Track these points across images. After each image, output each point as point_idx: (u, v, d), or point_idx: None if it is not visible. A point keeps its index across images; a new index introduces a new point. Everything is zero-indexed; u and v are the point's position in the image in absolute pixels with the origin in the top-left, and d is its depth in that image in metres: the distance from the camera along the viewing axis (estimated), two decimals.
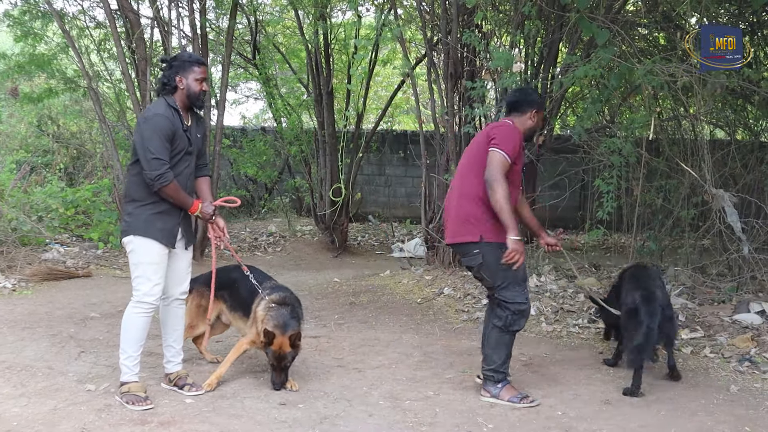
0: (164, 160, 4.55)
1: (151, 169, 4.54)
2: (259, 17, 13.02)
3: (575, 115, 10.61)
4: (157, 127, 4.58)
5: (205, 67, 4.87)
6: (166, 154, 4.58)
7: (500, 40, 9.10)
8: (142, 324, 4.71)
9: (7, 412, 4.42)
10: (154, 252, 4.69)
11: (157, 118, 4.61)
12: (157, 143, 4.55)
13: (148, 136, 4.57)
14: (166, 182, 4.56)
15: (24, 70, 12.38)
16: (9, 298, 7.77)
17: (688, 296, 7.60)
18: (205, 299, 5.31)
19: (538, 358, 5.97)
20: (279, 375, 4.94)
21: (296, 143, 12.53)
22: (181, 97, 4.76)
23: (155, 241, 4.68)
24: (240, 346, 5.12)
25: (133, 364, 4.73)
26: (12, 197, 10.71)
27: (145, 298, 4.68)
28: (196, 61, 4.81)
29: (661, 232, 8.61)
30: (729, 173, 8.26)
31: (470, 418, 4.59)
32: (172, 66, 4.77)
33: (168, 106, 4.70)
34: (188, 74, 4.73)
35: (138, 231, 4.67)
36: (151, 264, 4.69)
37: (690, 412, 4.75)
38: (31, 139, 15.49)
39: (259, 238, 12.83)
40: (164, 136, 4.58)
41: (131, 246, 4.71)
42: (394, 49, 14.32)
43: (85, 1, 12.12)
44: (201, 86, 4.78)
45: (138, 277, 4.70)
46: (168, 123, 4.61)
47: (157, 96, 4.92)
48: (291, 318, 5.00)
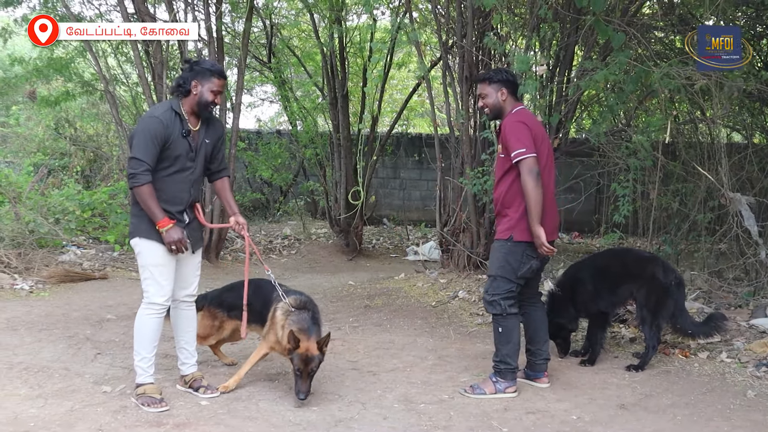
0: (143, 161, 4.52)
1: (128, 167, 4.58)
2: (275, 20, 13.07)
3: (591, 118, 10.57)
4: (146, 129, 4.58)
5: (224, 81, 4.86)
6: (148, 156, 4.54)
7: (516, 44, 9.08)
8: (154, 325, 4.74)
9: (25, 413, 4.45)
10: (159, 254, 4.69)
11: (151, 120, 4.62)
12: (141, 144, 4.54)
13: (136, 136, 4.60)
14: (136, 183, 4.53)
15: (42, 73, 12.48)
16: (26, 300, 7.83)
17: (705, 300, 7.56)
18: (217, 320, 5.36)
19: (553, 362, 5.93)
20: (305, 382, 4.74)
21: (311, 146, 12.55)
22: (191, 102, 4.75)
23: (159, 243, 4.67)
24: (260, 351, 5.11)
25: (147, 366, 4.76)
26: (29, 199, 10.78)
27: (154, 299, 4.71)
28: (217, 72, 4.80)
29: (677, 236, 8.56)
30: (746, 177, 8.21)
31: (484, 422, 4.58)
32: (193, 69, 4.77)
33: (170, 109, 4.70)
34: (205, 82, 4.73)
35: (142, 234, 4.69)
36: (157, 266, 4.70)
37: (706, 418, 4.72)
38: (48, 141, 15.59)
39: (274, 241, 12.86)
40: (152, 139, 4.55)
41: (138, 248, 4.74)
42: (409, 52, 14.32)
43: (102, 5, 12.20)
44: (214, 97, 4.77)
45: (146, 279, 4.73)
46: (161, 127, 4.59)
47: (171, 94, 4.92)
48: (313, 323, 4.95)
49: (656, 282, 5.74)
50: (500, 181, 5.07)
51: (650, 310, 5.73)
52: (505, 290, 5.02)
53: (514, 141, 4.85)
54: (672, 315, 5.74)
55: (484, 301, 5.18)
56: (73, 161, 15.37)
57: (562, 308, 5.91)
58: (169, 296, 4.78)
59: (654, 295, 5.73)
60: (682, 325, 5.80)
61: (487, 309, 5.17)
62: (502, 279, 5.02)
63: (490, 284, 5.09)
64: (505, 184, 5.02)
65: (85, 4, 11.98)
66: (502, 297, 5.02)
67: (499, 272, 5.03)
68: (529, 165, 4.79)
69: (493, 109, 5.16)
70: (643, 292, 5.78)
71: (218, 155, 5.07)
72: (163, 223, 4.60)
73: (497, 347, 5.13)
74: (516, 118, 4.98)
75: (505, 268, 5.00)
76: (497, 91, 5.09)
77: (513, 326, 5.12)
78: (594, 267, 6.15)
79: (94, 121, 15.61)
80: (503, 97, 5.09)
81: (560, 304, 5.94)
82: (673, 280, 5.76)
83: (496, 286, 5.04)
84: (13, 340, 6.14)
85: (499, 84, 5.09)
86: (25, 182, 11.58)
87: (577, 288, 5.96)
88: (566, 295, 5.95)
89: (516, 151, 4.82)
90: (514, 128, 4.90)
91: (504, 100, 5.10)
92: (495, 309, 5.04)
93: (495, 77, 5.11)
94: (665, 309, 5.71)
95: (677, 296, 5.77)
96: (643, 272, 5.84)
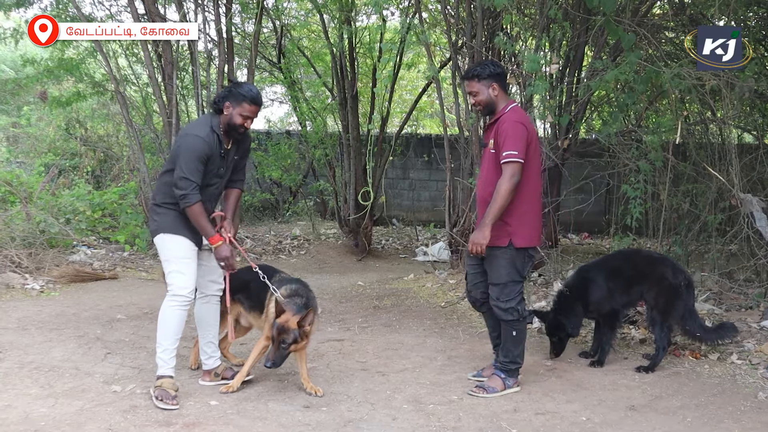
0: (192, 181, 4.68)
1: (179, 188, 4.68)
2: (285, 21, 13.07)
3: (601, 118, 10.55)
4: (192, 148, 4.71)
5: (256, 107, 4.93)
6: (196, 175, 4.70)
7: (526, 44, 9.07)
8: (179, 317, 4.84)
9: (35, 413, 4.47)
10: (184, 246, 4.84)
11: (197, 140, 4.73)
12: (190, 164, 4.67)
13: (182, 155, 4.71)
14: (188, 203, 4.69)
15: (53, 74, 12.51)
16: (37, 299, 7.86)
17: (715, 302, 7.53)
18: (223, 305, 5.38)
19: (563, 363, 5.93)
20: (275, 351, 4.79)
21: (321, 147, 12.55)
22: (223, 121, 4.88)
23: (183, 237, 4.83)
24: (259, 345, 5.13)
25: (169, 357, 4.84)
26: (40, 200, 10.83)
27: (179, 291, 4.81)
28: (250, 99, 4.87)
29: (687, 237, 8.53)
30: (757, 178, 8.17)
31: (494, 423, 4.57)
32: (230, 91, 4.88)
33: (211, 129, 4.81)
34: (237, 106, 4.83)
35: (167, 229, 4.84)
36: (182, 258, 4.83)
37: (717, 419, 4.70)
38: (59, 142, 15.66)
39: (283, 242, 12.87)
40: (198, 159, 4.70)
41: (162, 243, 4.87)
42: (418, 53, 14.31)
43: (113, 6, 12.25)
44: (244, 122, 4.87)
45: (171, 272, 4.83)
46: (205, 146, 4.74)
47: (210, 109, 5.04)
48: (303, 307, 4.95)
49: (666, 283, 5.73)
50: (490, 177, 4.98)
51: (660, 311, 5.71)
52: (517, 293, 5.01)
53: (511, 141, 4.79)
54: (681, 317, 5.73)
55: (497, 308, 5.03)
56: (83, 161, 15.43)
57: (568, 308, 5.89)
58: (192, 288, 4.90)
59: (663, 296, 5.72)
60: (691, 327, 5.79)
61: (502, 317, 5.04)
62: (512, 283, 4.99)
63: (501, 291, 4.99)
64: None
65: (96, 5, 12.01)
66: (517, 302, 5.00)
67: (508, 278, 4.97)
68: (513, 170, 4.76)
69: (486, 106, 5.06)
70: (652, 293, 5.77)
71: (241, 168, 5.23)
72: (214, 240, 4.84)
73: (509, 349, 5.12)
74: (516, 117, 4.92)
75: (512, 273, 4.98)
76: (488, 87, 4.99)
77: (524, 328, 5.14)
78: (606, 268, 6.12)
79: (104, 122, 15.67)
80: (495, 92, 5.00)
81: (568, 304, 5.91)
82: (682, 281, 5.75)
83: (509, 291, 4.98)
84: (24, 339, 6.17)
85: (489, 79, 4.98)
86: (36, 182, 11.64)
87: (589, 288, 5.94)
88: (575, 295, 5.93)
89: (509, 151, 4.77)
90: (513, 128, 4.84)
91: (496, 96, 5.01)
92: (512, 315, 5.00)
93: (484, 73, 4.99)
94: (675, 310, 5.70)
95: (687, 298, 5.76)
96: (653, 273, 5.83)
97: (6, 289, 8.13)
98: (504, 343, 5.16)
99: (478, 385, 5.14)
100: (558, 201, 9.33)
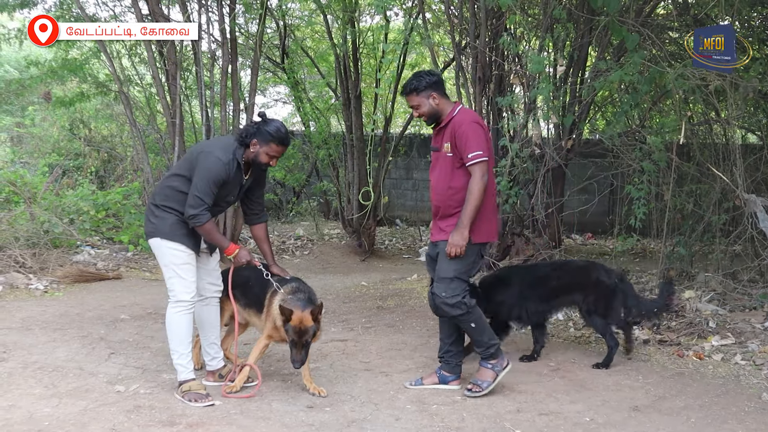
0: (204, 202, 4.70)
1: (190, 206, 4.70)
2: (288, 21, 13.07)
3: (604, 119, 10.53)
4: (211, 170, 4.72)
5: (284, 148, 4.97)
6: (210, 198, 4.73)
7: (530, 44, 9.07)
8: (186, 322, 4.86)
9: (39, 412, 4.48)
10: (182, 253, 4.83)
11: (218, 163, 4.74)
12: (206, 185, 4.70)
13: (200, 173, 4.72)
14: (198, 223, 4.72)
15: (57, 74, 12.57)
16: (41, 300, 7.88)
17: (719, 302, 7.51)
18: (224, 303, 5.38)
19: (567, 364, 5.93)
20: (299, 352, 4.81)
21: (324, 147, 12.55)
22: (248, 156, 4.90)
23: (180, 244, 4.82)
24: (259, 344, 5.13)
25: (186, 362, 4.87)
26: (44, 200, 10.86)
27: (181, 297, 4.83)
28: (278, 140, 4.90)
29: (691, 238, 8.51)
30: (761, 178, 8.16)
31: (497, 423, 4.57)
32: (259, 129, 4.88)
33: (234, 158, 4.82)
34: (264, 145, 4.87)
35: (164, 235, 4.82)
36: (181, 264, 4.83)
37: (720, 420, 4.69)
38: (63, 142, 15.72)
39: (286, 242, 12.88)
40: (215, 182, 4.73)
41: (158, 249, 4.87)
42: (422, 53, 14.31)
43: (116, 6, 12.25)
44: (269, 160, 4.93)
45: (171, 278, 4.84)
46: (225, 173, 4.76)
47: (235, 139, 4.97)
48: (308, 302, 4.96)
49: (602, 285, 5.89)
50: (446, 181, 4.99)
51: (601, 314, 5.84)
52: (462, 290, 4.96)
53: (474, 143, 4.81)
54: (628, 306, 5.91)
55: (445, 306, 4.95)
56: (87, 162, 15.48)
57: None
58: (194, 292, 4.90)
59: (602, 299, 5.86)
60: (644, 308, 6.03)
61: (451, 313, 4.97)
62: (458, 281, 4.95)
63: (448, 286, 4.93)
64: (457, 184, 4.94)
65: (100, 6, 12.04)
66: (463, 296, 4.96)
67: (456, 274, 4.94)
68: (483, 169, 4.81)
69: (431, 116, 5.08)
70: (591, 298, 5.88)
71: (259, 197, 5.29)
72: (231, 250, 4.98)
73: (477, 339, 5.08)
74: (470, 118, 4.97)
75: (461, 270, 4.96)
76: (428, 98, 5.01)
77: (480, 314, 5.10)
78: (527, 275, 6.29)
79: (108, 122, 15.72)
80: (436, 101, 5.02)
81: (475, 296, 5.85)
82: (616, 278, 5.95)
83: (455, 287, 4.93)
84: (28, 339, 6.18)
85: (427, 90, 5.00)
86: (40, 183, 11.68)
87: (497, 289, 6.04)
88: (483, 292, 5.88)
89: (474, 152, 4.79)
90: (472, 130, 4.86)
91: (438, 104, 5.03)
92: (460, 309, 4.94)
93: (421, 85, 5.01)
94: (614, 310, 5.87)
95: (625, 288, 5.98)
96: (588, 279, 5.98)
97: (10, 289, 8.15)
98: (471, 338, 5.17)
99: (471, 382, 5.10)
100: (562, 201, 9.32)
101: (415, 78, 5.11)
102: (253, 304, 5.26)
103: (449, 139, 4.95)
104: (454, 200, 4.95)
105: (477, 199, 4.79)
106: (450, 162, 4.96)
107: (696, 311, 7.04)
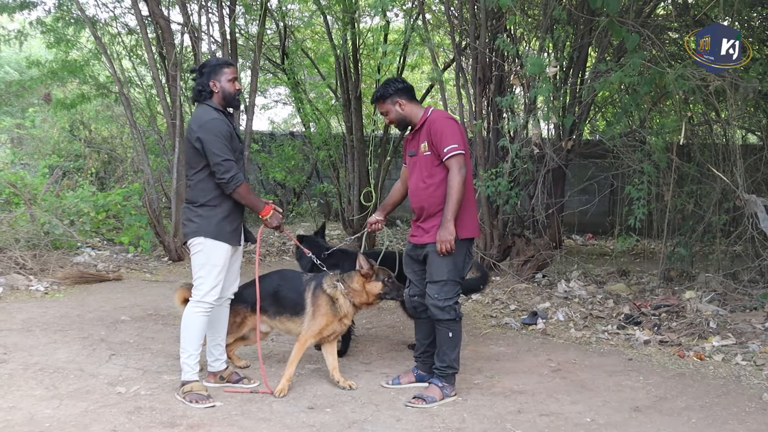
0: (232, 161, 4.70)
1: (222, 172, 4.68)
2: (288, 22, 13.08)
3: (605, 120, 10.54)
4: (216, 130, 4.70)
5: (234, 68, 4.98)
6: (230, 153, 4.72)
7: (529, 45, 9.07)
8: (202, 323, 4.87)
9: (40, 414, 4.48)
10: (223, 255, 4.83)
11: (215, 122, 4.73)
12: (221, 146, 4.68)
13: (210, 141, 4.68)
14: (239, 182, 4.72)
15: (57, 76, 12.59)
16: (42, 301, 7.88)
17: (720, 303, 7.51)
18: (239, 317, 5.37)
19: (567, 364, 5.92)
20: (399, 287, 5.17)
21: (324, 148, 12.56)
22: (218, 100, 4.87)
23: (226, 243, 4.83)
24: (303, 344, 5.10)
25: (194, 363, 4.87)
26: (45, 201, 10.86)
27: (205, 298, 4.83)
28: (224, 63, 4.93)
29: (691, 238, 8.52)
30: (761, 178, 8.16)
31: (498, 424, 4.57)
32: (203, 73, 4.88)
33: (215, 110, 4.82)
34: (220, 77, 4.85)
35: (209, 234, 4.80)
36: (216, 266, 4.82)
37: (721, 421, 4.69)
38: (63, 143, 15.72)
39: (287, 243, 12.88)
40: (225, 138, 4.72)
41: (201, 247, 4.82)
42: (422, 54, 14.32)
43: (117, 8, 12.26)
44: (234, 86, 4.90)
45: (200, 278, 4.83)
46: (224, 125, 4.76)
47: (193, 104, 5.01)
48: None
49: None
50: (426, 181, 4.99)
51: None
52: (455, 293, 4.96)
53: (449, 137, 4.82)
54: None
55: (434, 307, 4.93)
56: (87, 163, 15.49)
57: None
58: (217, 296, 4.90)
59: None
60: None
61: (437, 315, 4.94)
62: (452, 282, 4.93)
63: (441, 288, 4.90)
64: (435, 183, 4.93)
65: (100, 7, 12.05)
66: (455, 301, 4.95)
67: (449, 276, 4.91)
68: (460, 161, 4.80)
69: (400, 122, 5.14)
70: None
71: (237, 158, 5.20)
72: (267, 211, 4.97)
73: (445, 352, 5.01)
74: (444, 115, 5.02)
75: (453, 270, 4.93)
76: (394, 104, 5.06)
77: (460, 330, 5.08)
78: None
79: (108, 124, 15.73)
80: (403, 107, 5.06)
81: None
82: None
83: (448, 290, 4.91)
84: (29, 341, 6.18)
85: (394, 96, 5.05)
86: (40, 184, 11.67)
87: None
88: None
89: (450, 145, 4.79)
90: (447, 125, 4.89)
91: (405, 109, 5.06)
92: (449, 314, 4.92)
93: (387, 92, 5.06)
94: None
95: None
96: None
97: (11, 290, 8.15)
98: (440, 347, 5.05)
99: (416, 396, 4.99)
100: (562, 202, 9.32)
101: (382, 86, 5.17)
102: (286, 310, 5.25)
103: (425, 138, 4.97)
104: (435, 197, 4.93)
105: (458, 192, 4.77)
106: (429, 161, 4.96)
107: (697, 312, 7.04)
